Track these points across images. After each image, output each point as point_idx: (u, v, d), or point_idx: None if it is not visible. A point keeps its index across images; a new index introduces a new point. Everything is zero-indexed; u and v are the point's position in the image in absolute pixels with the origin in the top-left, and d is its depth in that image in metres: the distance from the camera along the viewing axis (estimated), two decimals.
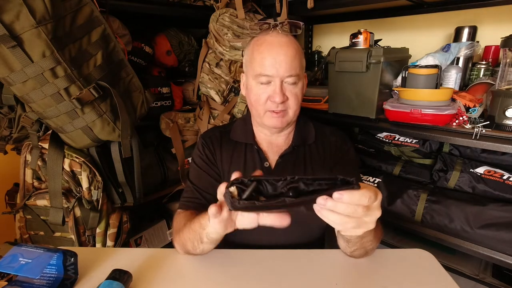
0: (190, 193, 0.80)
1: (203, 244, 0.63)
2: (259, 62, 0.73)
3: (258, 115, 0.78)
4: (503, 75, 0.94)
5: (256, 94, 0.75)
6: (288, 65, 0.71)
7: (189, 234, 0.66)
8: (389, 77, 1.13)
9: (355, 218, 0.43)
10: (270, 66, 0.71)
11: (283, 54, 0.71)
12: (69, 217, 0.94)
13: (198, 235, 0.63)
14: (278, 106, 0.74)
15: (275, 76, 0.72)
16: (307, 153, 0.83)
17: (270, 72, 0.72)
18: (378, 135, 1.33)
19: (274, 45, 0.72)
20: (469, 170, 1.06)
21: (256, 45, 0.75)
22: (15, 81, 0.76)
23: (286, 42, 0.73)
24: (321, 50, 1.65)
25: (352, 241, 0.63)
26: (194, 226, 0.64)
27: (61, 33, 0.77)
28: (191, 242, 0.66)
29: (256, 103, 0.76)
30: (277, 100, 0.72)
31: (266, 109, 0.75)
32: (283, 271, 0.67)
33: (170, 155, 1.34)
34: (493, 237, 0.94)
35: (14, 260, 0.57)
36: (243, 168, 0.81)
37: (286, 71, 0.71)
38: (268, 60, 0.71)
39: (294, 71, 0.72)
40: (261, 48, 0.73)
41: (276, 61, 0.71)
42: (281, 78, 0.72)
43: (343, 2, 1.21)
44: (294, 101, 0.75)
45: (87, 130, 0.89)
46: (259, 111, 0.76)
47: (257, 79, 0.74)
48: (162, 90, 1.29)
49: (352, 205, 0.41)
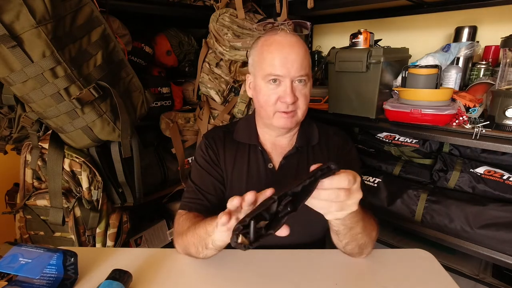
0: (192, 194, 0.80)
1: (207, 250, 0.63)
2: (269, 62, 0.72)
3: (267, 116, 0.76)
4: (503, 75, 0.94)
5: (266, 94, 0.74)
6: (299, 64, 0.71)
7: (193, 239, 0.65)
8: (389, 77, 1.13)
9: (338, 202, 0.47)
10: (281, 66, 0.70)
11: (295, 54, 0.71)
12: (69, 217, 0.94)
13: (203, 240, 0.62)
14: (289, 106, 0.73)
15: (285, 76, 0.71)
16: (311, 154, 0.83)
17: (281, 72, 0.71)
18: (378, 135, 1.33)
19: (285, 45, 0.71)
20: (469, 170, 1.06)
21: (265, 45, 0.74)
22: (15, 81, 0.76)
23: (296, 42, 0.72)
24: (321, 50, 1.65)
25: (342, 233, 0.63)
26: (199, 232, 0.63)
27: (61, 33, 0.77)
28: (195, 247, 0.65)
29: (266, 104, 0.75)
30: (288, 100, 0.71)
31: (276, 110, 0.74)
32: (283, 271, 0.67)
33: (170, 155, 1.34)
34: (493, 237, 0.94)
35: (14, 260, 0.57)
36: (247, 169, 0.81)
37: (297, 71, 0.71)
38: (278, 60, 0.71)
39: (304, 71, 0.72)
40: (271, 48, 0.72)
41: (288, 61, 0.70)
42: (292, 78, 0.71)
43: (343, 2, 1.21)
44: (303, 102, 0.75)
45: (87, 130, 0.89)
46: (269, 112, 0.75)
47: (267, 79, 0.73)
48: (162, 90, 1.29)
49: (333, 189, 0.46)
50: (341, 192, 0.46)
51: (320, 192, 0.46)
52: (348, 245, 0.67)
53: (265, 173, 0.81)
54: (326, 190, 0.46)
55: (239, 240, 0.42)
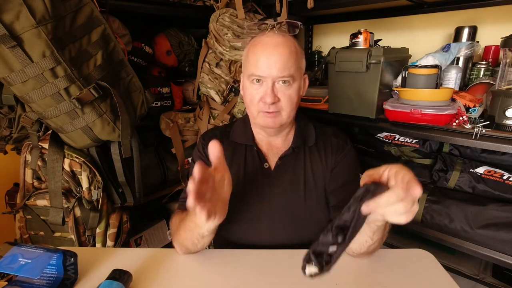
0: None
1: (203, 238, 0.65)
2: (253, 62, 0.73)
3: (252, 115, 0.78)
4: (503, 75, 0.94)
5: (250, 94, 0.75)
6: (282, 65, 0.71)
7: (186, 234, 0.66)
8: (389, 77, 1.13)
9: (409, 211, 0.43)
10: (263, 67, 0.71)
11: (277, 55, 0.71)
12: (69, 217, 0.94)
13: (196, 232, 0.64)
14: (270, 107, 0.73)
15: (266, 76, 0.72)
16: (307, 155, 0.83)
17: (262, 72, 0.71)
18: (378, 135, 1.33)
19: (268, 45, 0.72)
20: (469, 170, 1.06)
21: (252, 46, 0.75)
22: (15, 81, 0.76)
23: (281, 42, 0.72)
24: (321, 50, 1.65)
25: (377, 232, 0.61)
26: (189, 225, 0.65)
27: (61, 33, 0.77)
28: (190, 240, 0.66)
29: (250, 103, 0.76)
30: (267, 101, 0.72)
31: (259, 110, 0.75)
32: (283, 271, 0.67)
33: (170, 155, 1.34)
34: (493, 237, 0.94)
35: (14, 261, 0.57)
36: (243, 169, 0.81)
37: (279, 71, 0.71)
38: (261, 60, 0.71)
39: (287, 71, 0.71)
40: (256, 48, 0.73)
41: (269, 62, 0.71)
42: (273, 79, 0.72)
43: (343, 2, 1.21)
44: (287, 103, 0.74)
45: (87, 130, 0.89)
46: (253, 111, 0.77)
47: (250, 79, 0.74)
48: (162, 90, 1.29)
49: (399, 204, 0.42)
50: (407, 203, 0.42)
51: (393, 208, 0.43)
52: (373, 245, 0.65)
53: (261, 173, 0.81)
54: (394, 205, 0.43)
55: (307, 271, 0.45)
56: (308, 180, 0.80)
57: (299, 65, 0.76)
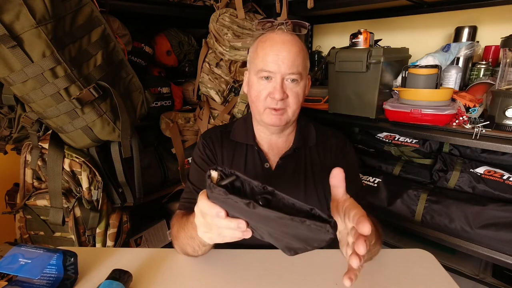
0: (190, 194, 0.80)
1: (205, 246, 0.64)
2: (262, 58, 0.73)
3: (258, 112, 0.77)
4: (503, 75, 0.94)
5: (257, 90, 0.75)
6: (291, 62, 0.71)
7: (187, 240, 0.65)
8: (389, 77, 1.13)
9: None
10: (272, 62, 0.72)
11: (286, 51, 0.71)
12: (69, 217, 0.94)
13: (197, 241, 0.62)
14: (278, 103, 0.73)
15: (276, 72, 0.72)
16: (308, 156, 0.83)
17: (272, 68, 0.72)
18: (378, 135, 1.33)
19: (278, 42, 0.72)
20: (469, 170, 1.06)
21: (260, 42, 0.75)
22: (15, 81, 0.76)
23: (290, 40, 0.73)
24: (321, 50, 1.65)
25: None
26: (191, 233, 0.62)
27: (61, 33, 0.77)
28: (191, 247, 0.65)
29: (257, 99, 0.76)
30: (276, 96, 0.72)
31: (266, 106, 0.75)
32: (283, 271, 0.67)
33: (170, 155, 1.34)
34: (493, 237, 0.94)
35: (14, 261, 0.57)
36: (244, 169, 0.81)
37: (288, 68, 0.71)
38: (270, 56, 0.72)
39: (296, 69, 0.72)
40: (265, 44, 0.74)
41: (279, 58, 0.71)
42: (282, 75, 0.72)
43: (343, 2, 1.21)
44: (294, 100, 0.75)
45: (87, 130, 0.89)
46: (259, 107, 0.76)
47: (259, 75, 0.74)
48: (162, 90, 1.29)
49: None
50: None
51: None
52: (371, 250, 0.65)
53: (262, 173, 0.81)
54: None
55: (213, 173, 0.42)
56: (308, 181, 0.80)
57: (306, 64, 0.77)
